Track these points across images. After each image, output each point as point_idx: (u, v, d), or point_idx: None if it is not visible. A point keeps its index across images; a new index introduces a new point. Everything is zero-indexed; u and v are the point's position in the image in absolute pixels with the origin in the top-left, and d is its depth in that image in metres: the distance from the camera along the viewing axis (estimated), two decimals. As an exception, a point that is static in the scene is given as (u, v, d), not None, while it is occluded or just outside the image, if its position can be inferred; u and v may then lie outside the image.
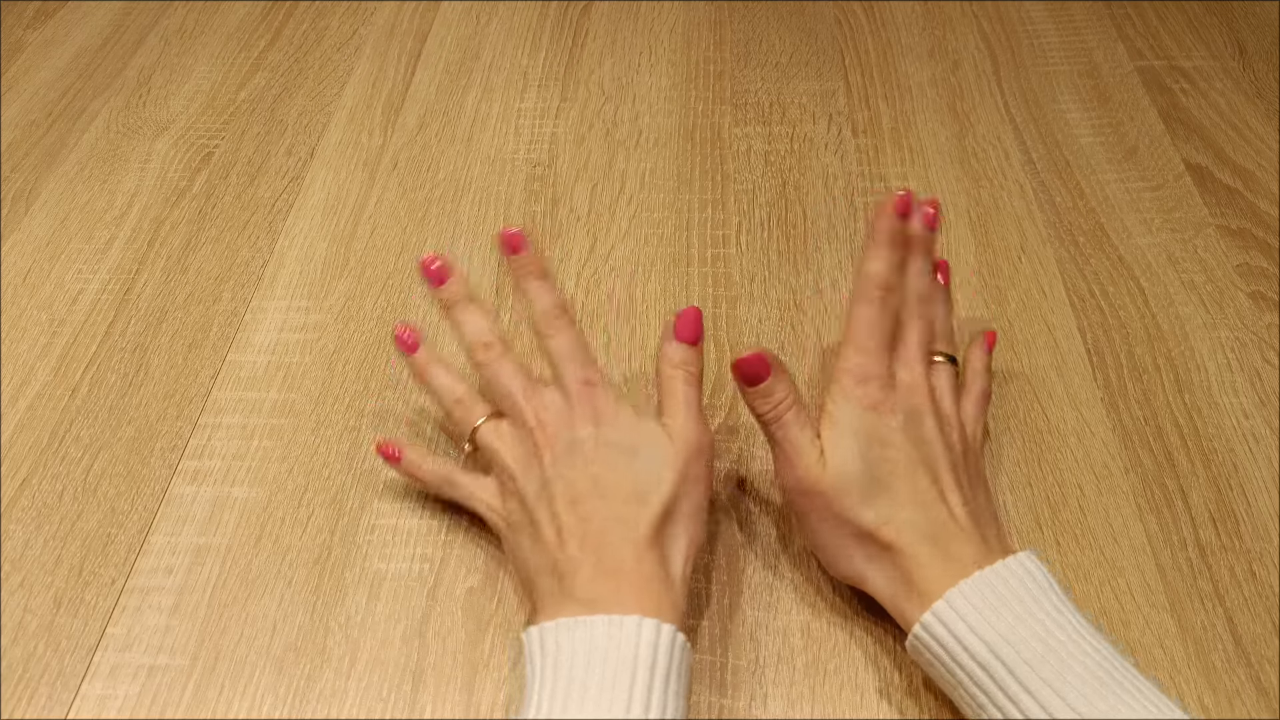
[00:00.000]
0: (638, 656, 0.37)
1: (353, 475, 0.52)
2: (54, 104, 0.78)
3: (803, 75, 0.77)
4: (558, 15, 0.85)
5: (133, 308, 0.62)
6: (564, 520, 0.42)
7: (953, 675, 0.39)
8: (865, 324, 0.46)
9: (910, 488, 0.43)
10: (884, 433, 0.44)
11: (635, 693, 0.36)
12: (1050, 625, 0.38)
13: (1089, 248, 0.62)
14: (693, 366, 0.46)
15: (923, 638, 0.40)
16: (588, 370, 0.46)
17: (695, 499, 0.44)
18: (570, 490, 0.43)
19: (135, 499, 0.52)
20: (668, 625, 0.38)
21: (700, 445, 0.45)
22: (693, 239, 0.64)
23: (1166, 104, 0.72)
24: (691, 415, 0.45)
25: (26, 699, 0.45)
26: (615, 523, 0.42)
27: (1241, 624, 0.45)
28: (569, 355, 0.46)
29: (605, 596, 0.40)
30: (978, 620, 0.39)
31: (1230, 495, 0.49)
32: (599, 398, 0.45)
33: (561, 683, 0.37)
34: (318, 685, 0.45)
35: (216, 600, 0.48)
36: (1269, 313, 0.58)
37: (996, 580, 0.40)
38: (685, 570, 0.42)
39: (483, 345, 0.47)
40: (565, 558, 0.42)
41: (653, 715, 0.36)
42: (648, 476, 0.43)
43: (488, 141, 0.72)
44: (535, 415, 0.45)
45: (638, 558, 0.41)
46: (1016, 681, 0.37)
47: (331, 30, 0.85)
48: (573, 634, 0.38)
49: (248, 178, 0.71)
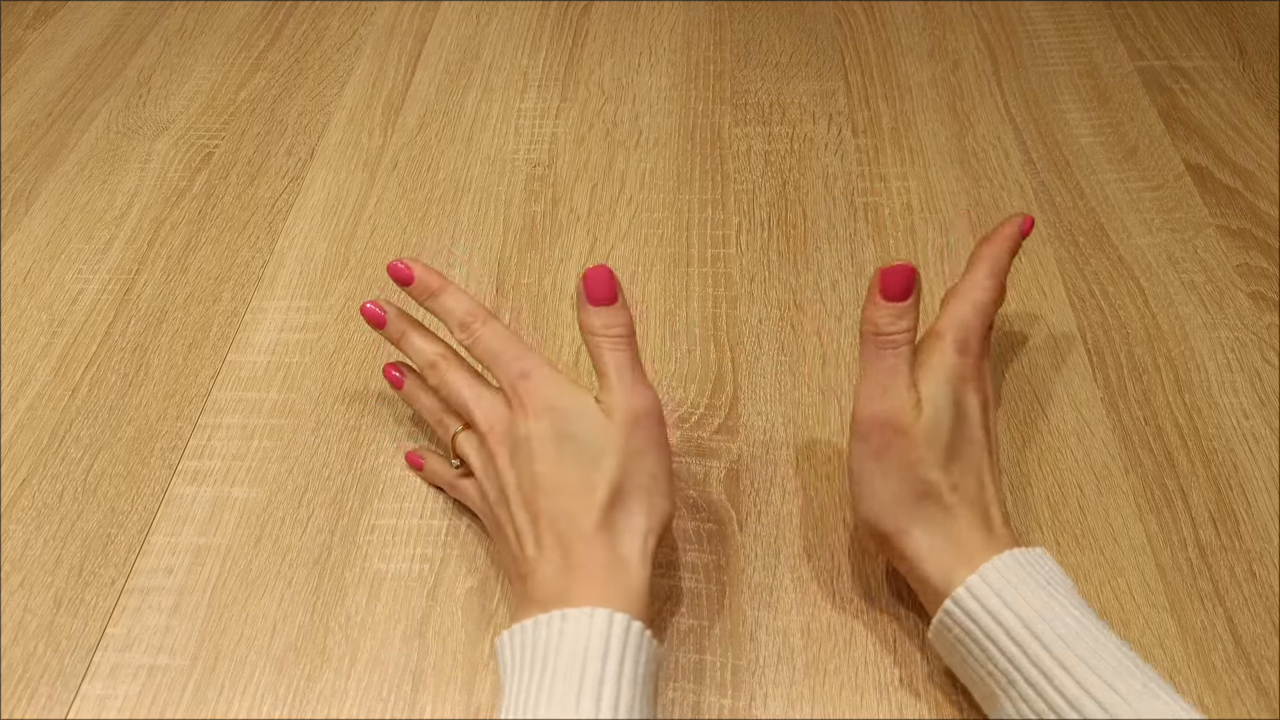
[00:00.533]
0: (588, 648, 0.37)
1: (353, 475, 0.52)
2: (54, 104, 0.78)
3: (803, 75, 0.77)
4: (558, 15, 0.85)
5: (133, 308, 0.62)
6: (519, 522, 0.43)
7: (984, 652, 0.39)
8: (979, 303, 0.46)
9: (975, 464, 0.43)
10: (967, 408, 0.44)
11: (586, 684, 0.36)
12: (1079, 610, 0.39)
13: (1089, 248, 0.62)
14: (616, 329, 0.45)
15: (953, 614, 0.40)
16: (520, 362, 0.45)
17: (647, 469, 0.43)
18: (520, 492, 0.44)
19: (135, 499, 0.52)
20: (621, 615, 0.38)
21: (639, 413, 0.43)
22: (693, 239, 0.64)
23: (1166, 104, 0.72)
24: (625, 383, 0.44)
25: (26, 699, 0.45)
26: (564, 518, 0.42)
27: (1241, 624, 0.45)
28: (496, 354, 0.46)
29: (558, 593, 0.40)
30: (1013, 595, 0.39)
31: (1230, 495, 0.49)
32: (534, 388, 0.45)
33: (524, 682, 0.38)
34: (318, 685, 0.45)
35: (216, 600, 0.48)
36: (1269, 313, 0.58)
37: (1026, 561, 0.40)
38: (646, 546, 0.42)
39: (429, 366, 0.49)
40: (525, 559, 0.43)
41: (604, 706, 0.36)
42: (590, 462, 0.43)
43: (488, 142, 0.72)
44: (485, 419, 0.46)
45: (588, 549, 0.41)
46: (1051, 656, 0.37)
47: (331, 30, 0.85)
48: (534, 634, 0.39)
49: (248, 178, 0.71)
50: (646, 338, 0.58)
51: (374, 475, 0.52)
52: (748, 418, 0.54)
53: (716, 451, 0.53)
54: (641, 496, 0.43)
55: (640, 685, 0.38)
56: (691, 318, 0.59)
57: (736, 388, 0.55)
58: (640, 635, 0.39)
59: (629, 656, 0.38)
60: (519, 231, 0.65)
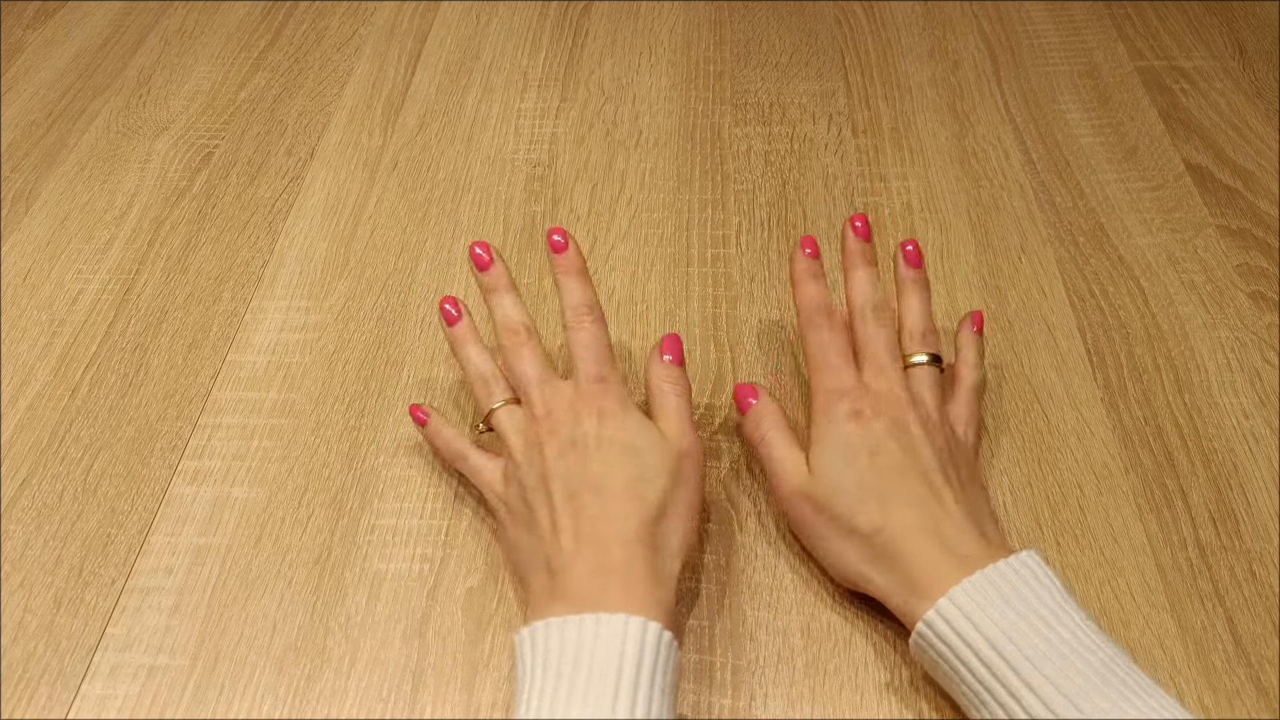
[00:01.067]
0: (624, 655, 0.37)
1: (353, 475, 0.52)
2: (54, 104, 0.78)
3: (803, 75, 0.77)
4: (558, 15, 0.85)
5: (133, 308, 0.62)
6: (560, 513, 0.43)
7: (956, 673, 0.39)
8: (818, 346, 0.49)
9: (902, 489, 0.44)
10: (869, 441, 0.45)
11: (622, 690, 0.37)
12: (1053, 622, 0.38)
13: (1089, 248, 0.62)
14: (683, 383, 0.49)
15: (926, 636, 0.40)
16: (602, 367, 0.47)
17: (688, 500, 0.45)
18: (568, 484, 0.44)
19: (135, 499, 0.52)
20: (654, 624, 0.39)
21: (693, 451, 0.46)
22: (693, 239, 0.64)
23: (1166, 104, 0.72)
24: (684, 423, 0.47)
25: (26, 699, 0.45)
26: (609, 519, 0.42)
27: (1241, 624, 0.45)
28: (588, 350, 0.47)
29: (595, 594, 0.40)
30: (981, 618, 0.39)
31: (1230, 495, 0.49)
32: (609, 395, 0.46)
33: (550, 682, 0.37)
34: (318, 685, 0.45)
35: (216, 600, 0.48)
36: (1269, 313, 0.58)
37: (999, 578, 0.40)
38: (675, 569, 0.43)
39: (510, 330, 0.49)
40: (558, 551, 0.42)
41: (638, 713, 0.36)
42: (644, 475, 0.44)
43: (488, 142, 0.72)
44: (544, 404, 0.46)
45: (629, 556, 0.41)
46: (1019, 678, 0.37)
47: (331, 30, 0.85)
48: (562, 633, 0.39)
49: (248, 178, 0.71)
50: (647, 338, 0.58)
51: (374, 475, 0.52)
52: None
53: (717, 451, 0.53)
54: (678, 522, 0.44)
55: (669, 695, 0.38)
56: (691, 318, 0.59)
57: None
58: (670, 646, 0.39)
59: (660, 667, 0.38)
60: (519, 231, 0.65)
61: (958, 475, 0.45)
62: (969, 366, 0.51)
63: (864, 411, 0.46)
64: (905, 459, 0.44)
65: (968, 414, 0.49)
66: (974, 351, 0.52)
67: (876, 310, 0.49)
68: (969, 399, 0.50)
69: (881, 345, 0.48)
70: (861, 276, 0.50)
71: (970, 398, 0.50)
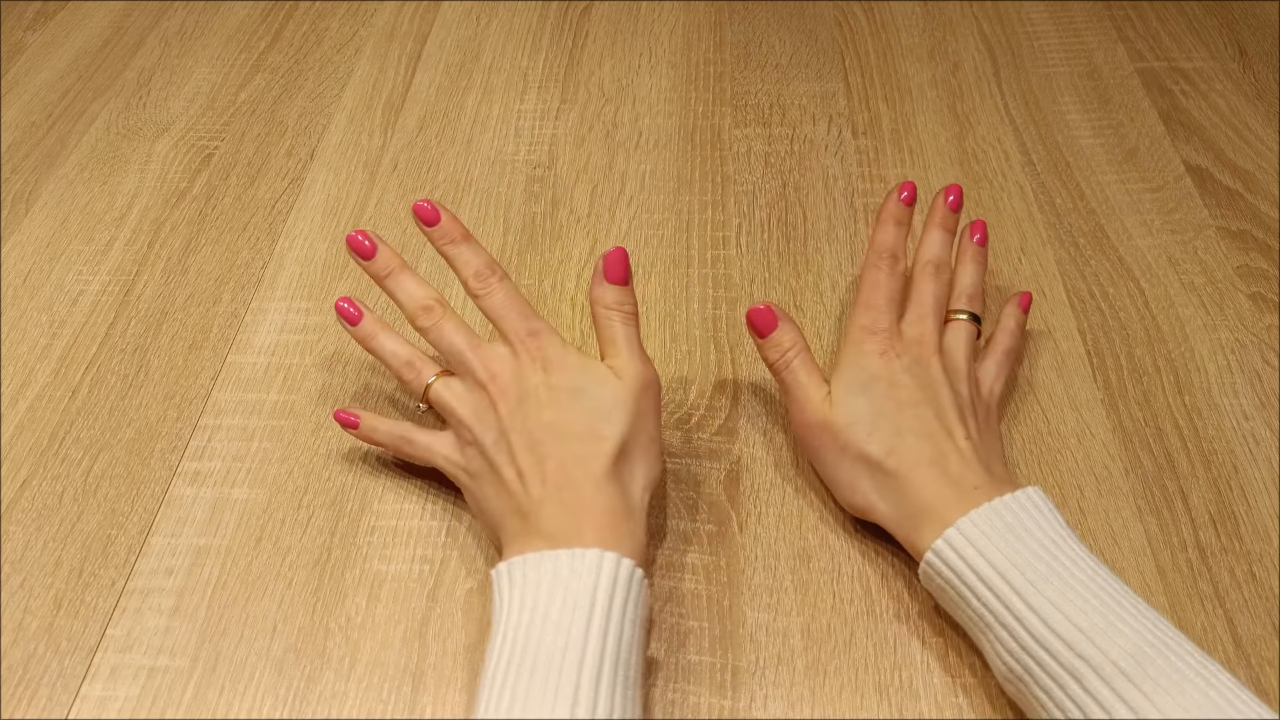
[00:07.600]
0: (597, 586, 0.40)
1: (353, 477, 0.52)
2: (54, 105, 0.78)
3: (803, 77, 0.77)
4: (558, 16, 0.85)
5: (133, 309, 0.62)
6: (524, 463, 0.44)
7: (963, 599, 0.41)
8: (871, 284, 0.50)
9: (915, 420, 0.46)
10: (889, 374, 0.47)
11: (594, 620, 0.39)
12: (1055, 551, 0.40)
13: (1089, 249, 0.62)
14: (628, 306, 0.48)
15: (934, 564, 0.42)
16: (530, 320, 0.48)
17: (648, 431, 0.46)
18: (527, 436, 0.45)
19: (135, 500, 0.52)
20: (626, 560, 0.41)
21: (646, 380, 0.47)
22: (693, 240, 0.64)
23: (1167, 105, 0.72)
24: (634, 352, 0.48)
25: (26, 700, 0.45)
26: (574, 461, 0.44)
27: (1241, 625, 0.45)
28: (507, 308, 0.48)
29: (568, 531, 0.42)
30: (986, 545, 0.41)
31: (1230, 497, 0.49)
32: (544, 345, 0.47)
33: (526, 611, 0.39)
34: (318, 687, 0.45)
35: (216, 601, 0.48)
36: (1269, 314, 0.58)
37: (1004, 510, 0.42)
38: (644, 500, 0.45)
39: (423, 309, 0.49)
40: (528, 498, 0.43)
41: (609, 641, 0.38)
42: (600, 414, 0.45)
43: (488, 143, 0.72)
44: (485, 368, 0.47)
45: (597, 492, 0.43)
46: (1022, 601, 0.39)
47: (331, 32, 0.85)
48: (539, 567, 0.41)
49: (248, 179, 0.71)
50: (647, 339, 0.58)
51: (374, 477, 0.52)
52: (748, 419, 0.54)
53: (717, 453, 0.53)
54: (641, 454, 0.46)
55: (639, 628, 0.40)
56: (692, 319, 0.59)
57: (737, 389, 0.56)
58: (641, 583, 0.41)
59: (632, 600, 0.40)
60: (519, 232, 0.65)
61: (975, 420, 0.47)
62: (1005, 332, 0.53)
63: (889, 350, 0.48)
64: (921, 394, 0.46)
65: (995, 372, 0.51)
66: (1014, 320, 0.54)
67: (938, 268, 0.51)
68: (1000, 360, 0.52)
69: (929, 297, 0.50)
70: (936, 237, 0.53)
71: (1001, 359, 0.52)
